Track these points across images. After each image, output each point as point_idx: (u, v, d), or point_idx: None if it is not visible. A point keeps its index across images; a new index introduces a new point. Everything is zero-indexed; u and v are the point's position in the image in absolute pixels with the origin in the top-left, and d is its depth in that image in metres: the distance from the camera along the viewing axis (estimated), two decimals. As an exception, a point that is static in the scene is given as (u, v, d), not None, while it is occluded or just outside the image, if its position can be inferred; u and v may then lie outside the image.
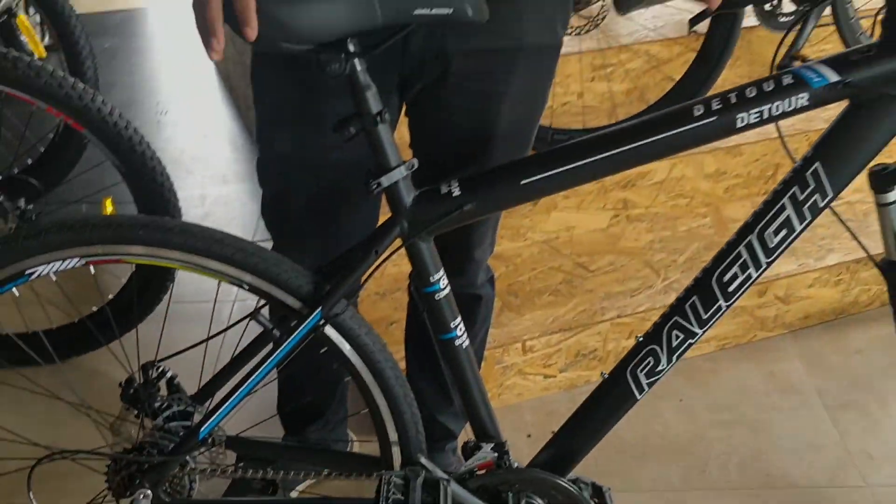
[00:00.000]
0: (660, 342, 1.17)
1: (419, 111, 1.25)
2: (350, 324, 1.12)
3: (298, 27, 0.92)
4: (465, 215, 1.07)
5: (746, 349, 2.10)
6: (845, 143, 1.06)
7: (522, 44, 1.16)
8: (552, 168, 1.06)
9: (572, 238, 2.17)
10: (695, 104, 1.04)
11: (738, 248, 1.11)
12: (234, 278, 1.09)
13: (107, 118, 1.67)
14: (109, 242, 1.06)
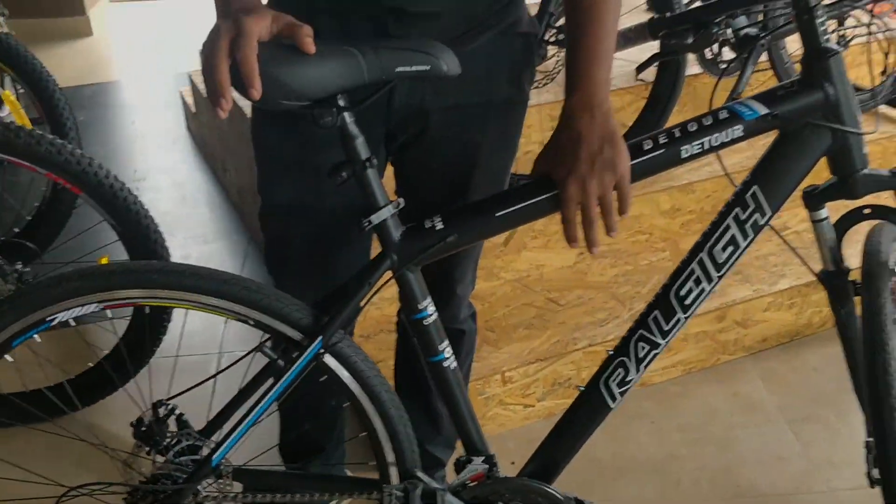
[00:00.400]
0: (628, 354, 1.29)
1: (403, 161, 1.37)
2: (347, 352, 1.23)
3: (295, 86, 1.04)
4: (449, 246, 1.19)
5: (711, 372, 2.23)
6: (778, 167, 1.21)
7: (493, 99, 1.28)
8: (522, 202, 1.19)
9: (542, 275, 2.31)
10: (644, 139, 1.18)
11: (691, 265, 1.25)
12: (241, 315, 1.19)
13: (102, 181, 1.77)
14: (127, 287, 1.16)
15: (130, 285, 1.16)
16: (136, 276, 1.16)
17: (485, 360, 2.01)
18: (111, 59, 4.81)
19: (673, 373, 2.21)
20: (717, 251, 1.24)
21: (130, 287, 1.16)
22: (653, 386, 2.19)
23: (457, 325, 1.56)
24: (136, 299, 1.18)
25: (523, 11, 1.28)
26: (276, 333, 1.21)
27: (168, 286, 1.16)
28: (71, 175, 1.75)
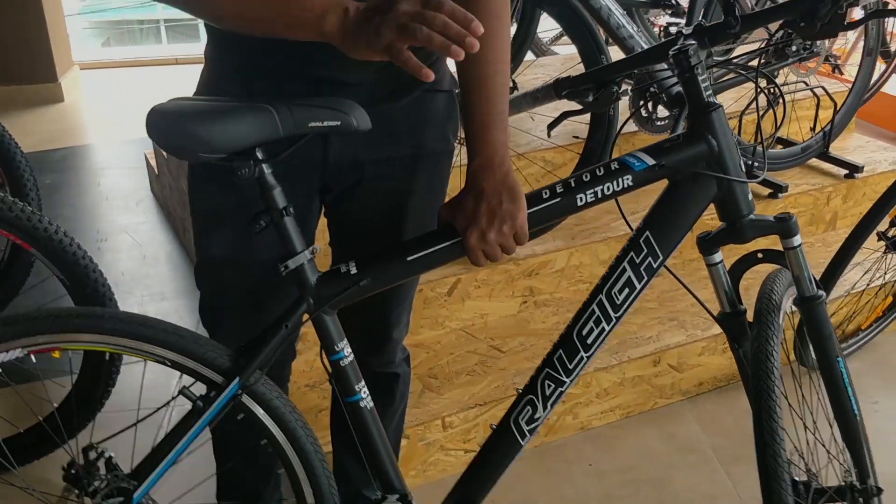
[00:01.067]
0: (535, 392, 1.35)
1: (339, 212, 1.43)
2: (264, 390, 1.28)
3: (212, 140, 1.12)
4: (362, 290, 1.26)
5: (648, 416, 2.29)
6: (668, 214, 1.30)
7: (421, 150, 1.36)
8: (431, 246, 1.26)
9: (487, 324, 2.37)
10: (543, 189, 1.27)
11: (591, 306, 1.32)
12: (159, 357, 1.25)
13: (52, 236, 1.84)
14: (50, 332, 1.22)
15: (52, 330, 1.22)
16: (58, 321, 1.22)
17: (426, 406, 2.06)
18: (81, 124, 4.91)
19: (611, 417, 2.27)
20: (614, 293, 1.31)
21: (52, 332, 1.22)
22: (592, 430, 2.24)
23: (392, 368, 1.62)
24: (59, 344, 1.24)
25: (445, 71, 1.37)
26: (196, 375, 1.26)
27: (88, 330, 1.22)
28: (21, 230, 1.81)
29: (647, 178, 1.26)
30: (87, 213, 3.76)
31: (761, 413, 1.27)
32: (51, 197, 3.80)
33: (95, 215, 3.74)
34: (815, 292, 1.35)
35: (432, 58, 1.32)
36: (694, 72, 1.24)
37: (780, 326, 1.34)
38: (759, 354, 1.30)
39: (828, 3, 1.20)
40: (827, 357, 1.38)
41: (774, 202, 2.74)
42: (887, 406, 2.32)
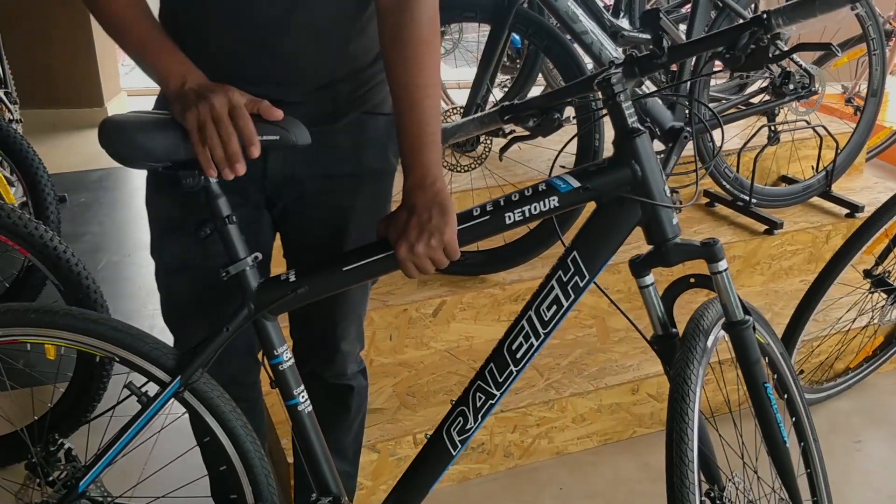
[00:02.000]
0: (467, 403, 1.40)
1: (286, 224, 1.52)
2: (205, 388, 1.36)
3: (156, 149, 1.21)
4: (300, 297, 1.33)
5: (626, 444, 2.31)
6: (594, 235, 1.35)
7: (362, 169, 1.44)
8: (367, 258, 1.33)
9: (471, 346, 2.42)
10: (474, 208, 1.33)
11: (521, 322, 1.37)
12: (109, 353, 1.34)
13: (48, 243, 1.98)
14: (8, 325, 1.32)
15: (10, 324, 1.32)
16: (15, 315, 1.32)
17: (400, 422, 2.11)
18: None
19: (588, 443, 2.29)
20: (543, 309, 1.36)
21: (10, 325, 1.32)
22: (568, 455, 2.27)
23: (345, 380, 1.68)
24: (17, 337, 1.33)
25: (384, 96, 1.44)
26: (143, 371, 1.35)
27: (43, 325, 1.32)
28: (16, 236, 1.95)
29: (573, 199, 1.31)
30: (115, 229, 3.92)
31: (672, 435, 1.31)
32: (83, 214, 3.98)
33: (123, 232, 3.90)
34: (742, 317, 1.38)
35: (372, 82, 1.40)
36: (617, 99, 1.29)
37: (705, 350, 1.36)
38: (677, 377, 1.33)
39: (746, 36, 1.24)
40: (755, 383, 1.40)
41: (770, 238, 2.74)
42: (871, 446, 2.30)
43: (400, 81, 1.30)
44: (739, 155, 2.80)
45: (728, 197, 2.87)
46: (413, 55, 1.28)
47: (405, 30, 1.27)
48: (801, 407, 1.62)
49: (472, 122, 1.55)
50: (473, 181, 2.58)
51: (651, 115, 2.54)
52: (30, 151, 2.85)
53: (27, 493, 1.44)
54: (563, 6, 2.31)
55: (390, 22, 1.30)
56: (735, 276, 2.76)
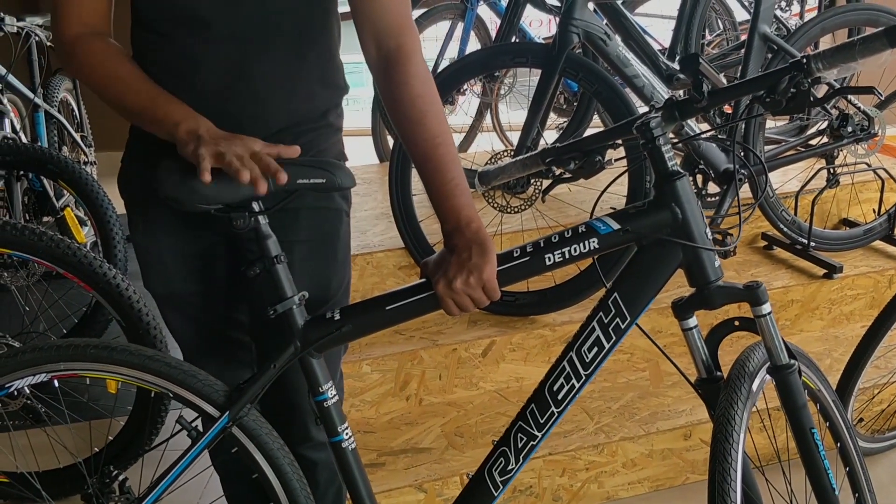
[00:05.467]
0: (508, 444, 1.41)
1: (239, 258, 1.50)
2: (253, 426, 1.40)
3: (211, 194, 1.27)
4: (345, 336, 1.37)
5: (679, 490, 2.27)
6: (635, 277, 1.35)
7: (301, 204, 1.40)
8: (409, 298, 1.36)
9: (521, 387, 2.42)
10: (514, 249, 1.35)
11: (562, 363, 1.38)
12: (163, 388, 1.39)
13: (110, 281, 2.06)
14: (68, 360, 1.38)
15: (71, 358, 1.38)
16: (76, 350, 1.38)
17: (447, 462, 2.12)
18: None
19: (639, 489, 2.26)
20: (584, 351, 1.37)
21: (71, 360, 1.38)
22: (618, 501, 2.24)
23: (308, 449, 1.57)
24: (77, 371, 1.39)
25: (329, 144, 1.47)
26: (194, 407, 1.39)
27: (101, 360, 1.38)
28: (81, 273, 2.04)
29: (613, 241, 1.32)
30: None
31: (715, 475, 1.29)
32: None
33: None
34: (787, 361, 1.36)
35: (314, 133, 1.43)
36: (656, 142, 1.30)
37: (749, 393, 1.35)
38: (721, 417, 1.32)
39: (786, 80, 1.25)
40: (801, 428, 1.38)
41: (829, 283, 2.69)
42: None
43: (408, 138, 1.35)
44: (797, 197, 2.76)
45: (786, 240, 2.83)
46: (412, 112, 1.33)
47: (397, 90, 1.34)
48: (854, 456, 1.58)
49: (515, 164, 1.57)
50: (524, 223, 2.60)
51: (705, 157, 2.53)
52: (101, 192, 2.97)
53: (82, 522, 1.49)
54: (614, 51, 2.34)
55: (383, 84, 1.36)
56: (793, 320, 2.71)
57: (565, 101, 3.51)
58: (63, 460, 2.11)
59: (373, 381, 2.30)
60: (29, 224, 2.08)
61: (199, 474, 1.48)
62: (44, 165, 2.76)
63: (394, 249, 2.62)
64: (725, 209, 2.53)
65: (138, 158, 1.44)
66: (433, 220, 2.47)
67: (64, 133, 3.83)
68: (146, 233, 1.47)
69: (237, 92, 1.35)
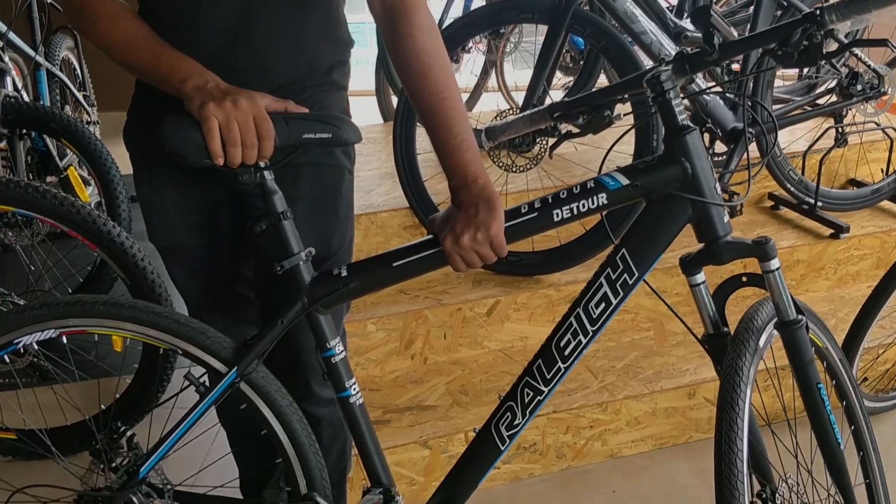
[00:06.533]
0: (515, 399, 1.41)
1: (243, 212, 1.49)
2: (262, 381, 1.40)
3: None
4: (351, 292, 1.37)
5: (682, 448, 2.28)
6: (644, 233, 1.34)
7: (304, 160, 1.39)
8: (416, 254, 1.36)
9: (526, 347, 2.43)
10: (522, 205, 1.34)
11: (569, 319, 1.38)
12: (171, 345, 1.39)
13: (115, 239, 2.06)
14: (77, 316, 1.38)
15: (79, 314, 1.38)
16: (85, 306, 1.38)
17: (452, 419, 2.13)
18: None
19: (643, 447, 2.27)
20: (591, 307, 1.36)
21: (79, 316, 1.38)
22: (621, 458, 2.25)
23: (312, 405, 1.58)
24: (85, 327, 1.40)
25: (333, 100, 1.45)
26: (202, 363, 1.40)
27: (109, 316, 1.38)
28: (86, 231, 2.03)
29: (622, 197, 1.31)
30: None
31: (722, 424, 1.30)
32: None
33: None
34: (795, 317, 1.36)
35: (317, 89, 1.41)
36: (666, 96, 1.28)
37: (756, 349, 1.35)
38: (728, 369, 1.32)
39: (798, 32, 1.23)
40: (808, 384, 1.38)
41: (836, 243, 2.68)
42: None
43: (414, 92, 1.34)
44: (805, 157, 2.74)
45: (793, 200, 2.81)
46: (416, 65, 1.32)
47: (402, 43, 1.32)
48: (860, 415, 1.59)
49: (523, 119, 1.56)
50: (530, 182, 2.59)
51: (713, 116, 2.51)
52: (104, 152, 2.95)
53: (91, 477, 1.50)
54: (621, 7, 2.30)
55: (389, 38, 1.35)
56: (799, 280, 2.70)
57: (571, 60, 3.47)
58: (70, 418, 2.12)
59: (378, 339, 2.31)
60: (33, 182, 2.07)
61: (206, 431, 1.49)
62: (46, 124, 2.74)
63: (398, 209, 2.62)
64: (734, 167, 2.51)
65: (143, 112, 1.42)
66: (437, 180, 2.51)
67: (66, 92, 3.80)
68: (151, 186, 1.46)
69: (240, 49, 1.33)
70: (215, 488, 1.58)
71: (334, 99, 1.46)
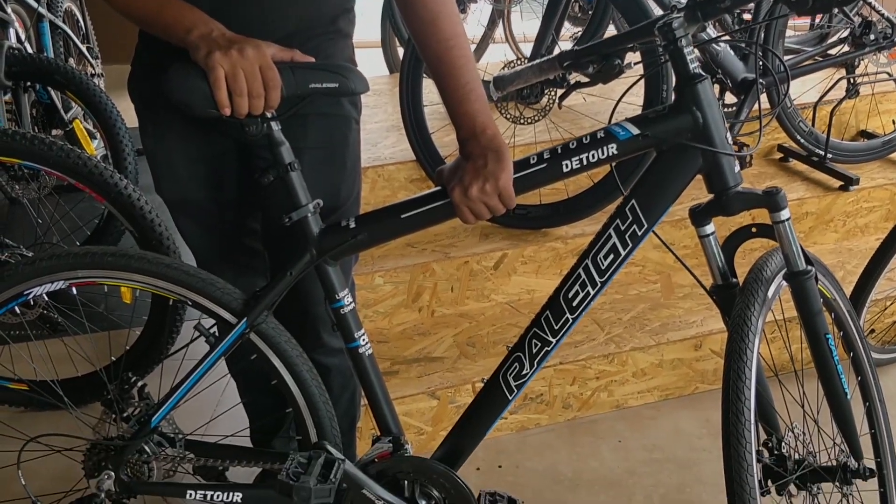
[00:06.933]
0: (523, 350, 1.42)
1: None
2: (271, 332, 1.41)
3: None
4: (360, 243, 1.37)
5: (688, 399, 2.30)
6: (654, 184, 1.33)
7: (310, 110, 1.39)
8: (425, 206, 1.35)
9: (533, 300, 2.43)
10: (531, 156, 1.33)
11: (578, 270, 1.37)
12: (181, 296, 1.40)
13: (122, 191, 2.06)
14: (86, 268, 1.39)
15: (89, 266, 1.38)
16: (94, 257, 1.38)
17: (459, 371, 2.15)
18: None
19: (649, 397, 2.29)
20: (600, 258, 1.36)
21: (89, 267, 1.38)
22: (627, 409, 2.27)
23: (322, 355, 1.59)
24: (95, 279, 1.40)
25: (338, 48, 1.43)
26: (212, 314, 1.40)
27: (118, 267, 1.38)
28: (92, 183, 2.03)
29: (632, 147, 1.30)
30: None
31: (730, 373, 1.30)
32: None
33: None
34: (804, 267, 1.35)
35: (323, 37, 1.39)
36: (678, 44, 1.27)
37: (765, 299, 1.35)
38: (737, 318, 1.33)
39: (813, -23, 1.20)
40: (816, 334, 1.38)
41: (845, 195, 2.66)
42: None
43: (421, 41, 1.32)
44: (815, 108, 2.72)
45: (803, 152, 2.79)
46: (424, 13, 1.30)
47: None
48: (866, 365, 1.59)
49: (531, 68, 1.54)
50: (538, 135, 2.57)
51: (723, 66, 2.48)
52: (109, 104, 2.93)
53: (103, 427, 1.52)
54: (632, -46, 2.26)
55: None
56: (807, 233, 2.70)
57: (580, 10, 3.42)
58: (81, 369, 2.14)
59: (385, 292, 2.31)
60: (38, 135, 2.06)
61: (216, 382, 1.50)
62: (51, 76, 2.72)
63: (405, 162, 2.60)
64: (744, 117, 2.49)
65: (148, 62, 1.41)
66: (444, 132, 2.50)
67: (69, 44, 3.76)
68: (156, 137, 1.45)
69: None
70: (226, 437, 1.60)
71: (339, 48, 1.44)
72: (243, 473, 1.59)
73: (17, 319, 2.06)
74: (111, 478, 1.45)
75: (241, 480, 1.57)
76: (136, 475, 1.47)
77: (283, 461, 1.40)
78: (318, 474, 1.36)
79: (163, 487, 1.49)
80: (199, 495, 1.46)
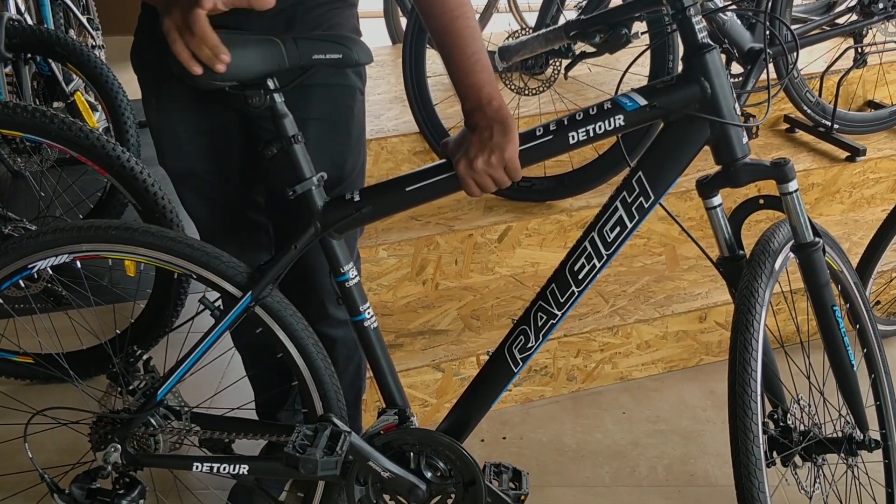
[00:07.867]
0: (528, 323, 1.41)
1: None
2: (277, 306, 1.40)
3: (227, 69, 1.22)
4: (364, 217, 1.36)
5: (692, 371, 2.30)
6: (661, 155, 1.32)
7: (314, 81, 1.35)
8: (430, 178, 1.34)
9: (537, 272, 2.43)
10: (536, 127, 1.32)
11: (584, 243, 1.37)
12: (186, 270, 1.39)
13: (125, 164, 2.05)
14: (91, 241, 1.38)
15: (93, 239, 1.38)
16: (98, 231, 1.37)
17: (464, 343, 2.15)
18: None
19: (653, 369, 2.29)
20: (606, 230, 1.35)
21: (93, 241, 1.38)
22: (631, 380, 2.28)
23: (326, 327, 1.59)
24: (99, 252, 1.39)
25: (340, 19, 1.41)
26: (217, 287, 1.40)
27: (123, 241, 1.37)
28: (95, 156, 2.02)
29: (639, 118, 1.29)
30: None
31: (736, 344, 1.31)
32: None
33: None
34: (811, 239, 1.35)
35: (326, 7, 1.38)
36: (686, 13, 1.25)
37: (772, 271, 1.34)
38: (744, 290, 1.32)
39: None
40: (823, 306, 1.38)
41: (852, 166, 2.65)
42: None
43: (426, 11, 1.30)
44: (822, 78, 2.69)
45: (809, 122, 2.77)
46: None
47: None
48: (872, 337, 1.59)
49: (537, 38, 1.52)
50: (542, 105, 2.55)
51: (730, 36, 2.45)
52: (111, 76, 2.92)
53: (109, 400, 1.52)
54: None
55: None
56: (813, 204, 2.68)
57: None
58: (86, 342, 2.15)
59: (389, 265, 2.31)
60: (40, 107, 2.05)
61: (221, 355, 1.50)
62: (51, 48, 2.70)
63: (408, 134, 2.59)
64: (751, 87, 2.47)
65: (150, 33, 1.39)
66: (448, 104, 2.48)
67: (70, 16, 3.73)
68: (159, 109, 1.44)
69: None
70: (231, 410, 1.60)
71: (345, 17, 1.42)
72: (249, 446, 1.59)
73: (22, 293, 2.06)
74: (117, 450, 1.45)
75: (247, 453, 1.57)
76: (143, 448, 1.48)
77: (289, 434, 1.41)
78: (324, 446, 1.36)
79: (169, 460, 1.49)
80: (206, 467, 1.47)
